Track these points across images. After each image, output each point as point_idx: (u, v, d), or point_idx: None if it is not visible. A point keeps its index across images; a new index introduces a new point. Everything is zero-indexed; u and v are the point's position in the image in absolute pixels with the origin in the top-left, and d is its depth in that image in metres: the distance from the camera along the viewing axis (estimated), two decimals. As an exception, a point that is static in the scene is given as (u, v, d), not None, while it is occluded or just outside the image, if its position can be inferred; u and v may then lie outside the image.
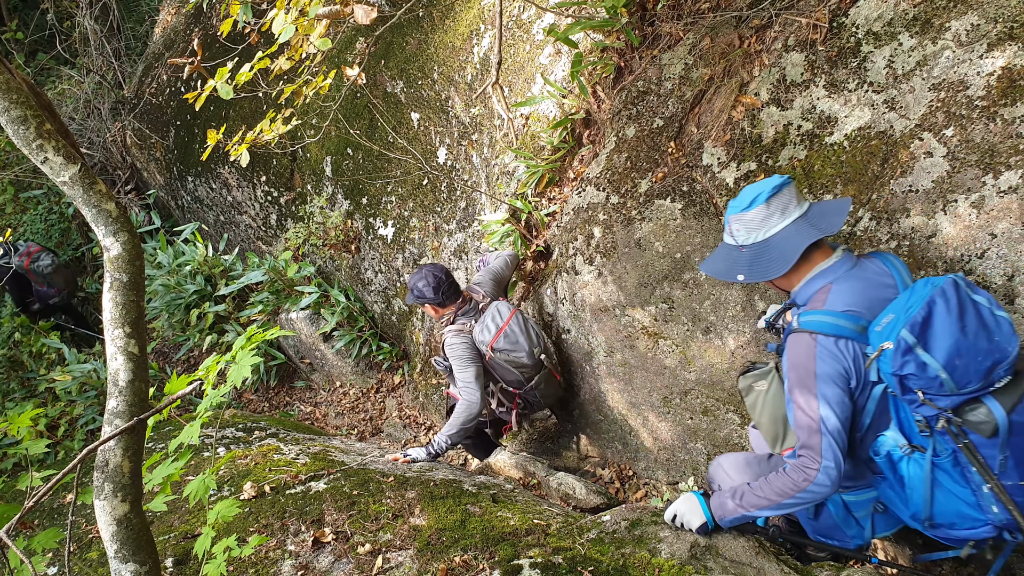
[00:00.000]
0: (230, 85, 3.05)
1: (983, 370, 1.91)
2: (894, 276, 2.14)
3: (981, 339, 1.91)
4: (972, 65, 2.45)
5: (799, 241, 2.10)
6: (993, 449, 1.95)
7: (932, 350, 1.91)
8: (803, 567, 2.35)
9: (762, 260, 2.18)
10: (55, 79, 10.23)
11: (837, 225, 2.10)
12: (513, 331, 3.77)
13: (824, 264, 2.16)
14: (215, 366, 1.83)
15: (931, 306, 1.93)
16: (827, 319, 2.05)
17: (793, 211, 2.15)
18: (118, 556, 1.50)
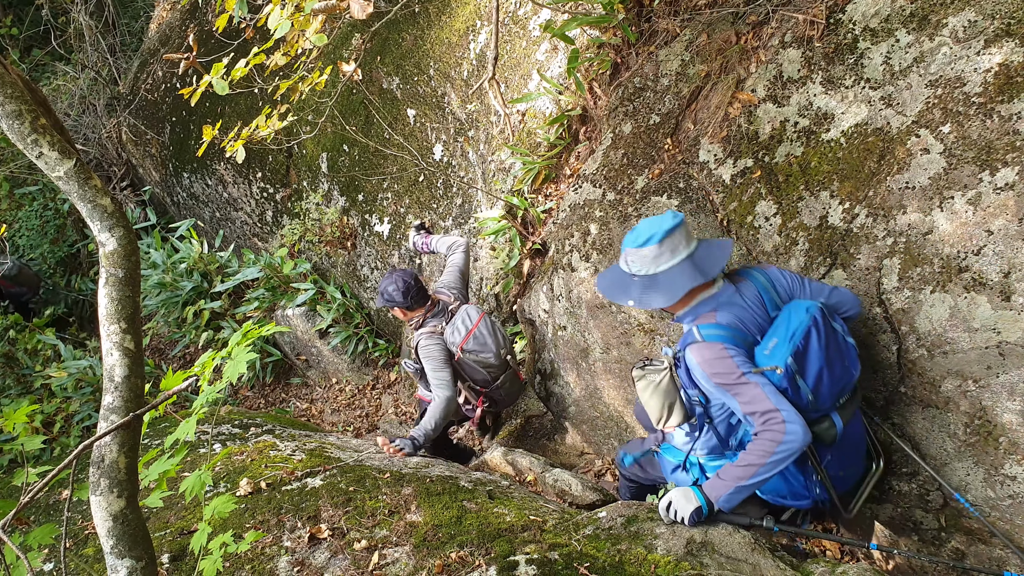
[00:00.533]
0: (225, 81, 3.04)
1: (835, 393, 2.36)
2: (764, 299, 2.49)
3: (837, 366, 2.34)
4: (969, 62, 2.45)
5: (683, 282, 2.43)
6: (825, 449, 2.43)
7: (806, 376, 2.31)
8: (798, 563, 2.35)
9: (650, 291, 2.48)
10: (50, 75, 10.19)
11: (719, 269, 2.45)
12: (482, 333, 3.94)
13: (707, 293, 2.49)
14: (211, 362, 1.82)
15: (808, 337, 2.31)
16: (725, 332, 2.38)
17: (681, 252, 2.45)
18: (114, 552, 1.50)
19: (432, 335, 3.89)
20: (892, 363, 2.72)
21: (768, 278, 2.55)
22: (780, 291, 2.53)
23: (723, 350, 2.34)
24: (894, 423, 2.83)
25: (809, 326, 2.32)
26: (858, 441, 2.53)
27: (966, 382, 2.54)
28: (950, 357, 2.55)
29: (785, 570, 2.24)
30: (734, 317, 2.41)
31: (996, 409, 2.48)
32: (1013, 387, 2.42)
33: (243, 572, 2.32)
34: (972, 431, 2.58)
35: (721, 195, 3.16)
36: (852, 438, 2.48)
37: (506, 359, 4.05)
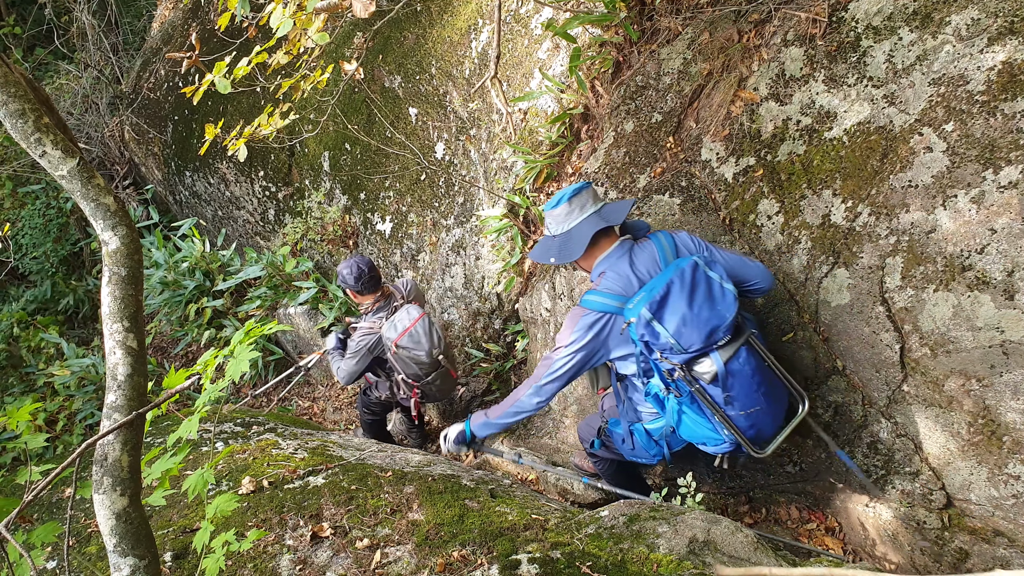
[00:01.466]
0: (228, 80, 3.04)
1: (706, 334, 2.54)
2: (659, 256, 2.72)
3: (704, 310, 2.55)
4: (972, 60, 2.45)
5: (588, 230, 2.70)
6: (717, 390, 2.63)
7: (664, 322, 2.56)
8: (800, 562, 2.35)
9: (566, 246, 2.75)
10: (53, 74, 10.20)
11: (620, 217, 2.72)
12: (417, 332, 4.18)
13: (606, 252, 2.77)
14: (213, 361, 1.82)
15: (669, 286, 2.56)
16: (597, 299, 2.68)
17: (589, 208, 2.74)
18: (117, 550, 1.50)
19: (369, 331, 4.25)
20: (895, 362, 2.72)
21: (672, 241, 2.77)
22: (681, 252, 2.75)
23: (579, 315, 2.70)
24: (897, 422, 2.82)
25: (671, 278, 2.58)
26: (757, 382, 2.63)
27: (969, 381, 2.53)
28: (953, 356, 2.55)
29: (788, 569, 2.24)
30: (617, 284, 2.68)
31: (1000, 408, 2.48)
32: (1017, 386, 2.41)
33: (245, 570, 2.32)
34: (975, 430, 2.57)
35: (723, 194, 3.15)
36: (744, 378, 2.61)
37: (438, 359, 4.28)
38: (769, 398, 2.70)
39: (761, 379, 2.65)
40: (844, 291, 2.81)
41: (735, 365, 2.60)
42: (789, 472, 3.27)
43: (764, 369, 2.69)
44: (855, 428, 2.95)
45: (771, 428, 2.74)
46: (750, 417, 2.67)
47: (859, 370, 2.87)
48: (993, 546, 2.63)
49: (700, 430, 2.73)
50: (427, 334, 4.19)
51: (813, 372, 3.00)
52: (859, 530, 3.14)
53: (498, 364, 5.02)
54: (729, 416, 2.66)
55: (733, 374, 2.61)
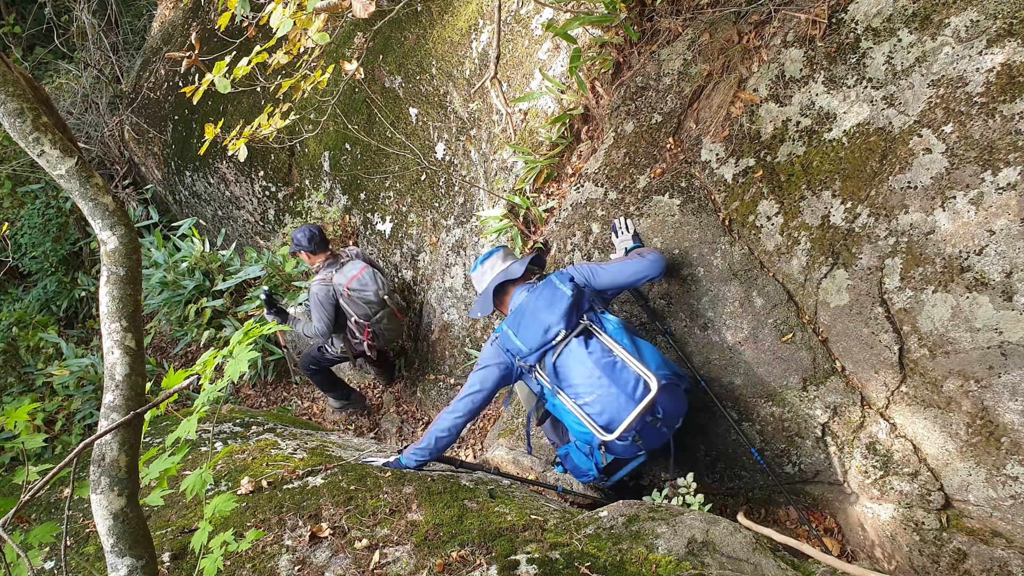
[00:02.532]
0: (228, 79, 3.04)
1: (540, 332, 2.99)
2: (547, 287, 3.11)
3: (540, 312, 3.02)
4: (971, 61, 2.45)
5: (491, 288, 3.25)
6: (562, 378, 2.98)
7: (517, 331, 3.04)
8: (799, 563, 2.35)
9: (483, 301, 3.29)
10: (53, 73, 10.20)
11: (520, 271, 3.25)
12: (364, 277, 4.95)
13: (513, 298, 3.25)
14: (212, 361, 1.82)
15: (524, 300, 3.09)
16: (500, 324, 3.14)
17: (498, 268, 3.30)
18: (114, 550, 1.50)
19: (323, 282, 4.95)
20: (894, 363, 2.72)
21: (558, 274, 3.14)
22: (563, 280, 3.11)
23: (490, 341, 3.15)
24: (896, 423, 2.83)
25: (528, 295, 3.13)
26: (588, 363, 2.93)
27: (968, 382, 2.53)
28: (952, 357, 2.55)
29: (787, 570, 2.24)
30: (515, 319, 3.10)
31: (998, 409, 2.48)
32: (1015, 387, 2.41)
33: (244, 571, 2.32)
34: (974, 431, 2.57)
35: (723, 194, 3.16)
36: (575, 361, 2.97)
37: (384, 298, 5.03)
38: (608, 380, 2.91)
39: (594, 363, 2.92)
40: (843, 292, 2.81)
41: (565, 354, 2.97)
42: (788, 473, 3.27)
43: (601, 355, 2.95)
44: (854, 429, 2.95)
45: (619, 412, 2.91)
46: (595, 403, 2.94)
47: (858, 371, 2.87)
48: (991, 547, 2.63)
49: (576, 428, 3.06)
50: (372, 279, 4.96)
51: (812, 372, 3.00)
52: (858, 531, 3.14)
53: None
54: (579, 405, 2.97)
55: (564, 364, 2.97)
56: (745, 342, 3.15)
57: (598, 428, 2.95)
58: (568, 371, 2.97)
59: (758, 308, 3.09)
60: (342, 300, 4.97)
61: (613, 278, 3.09)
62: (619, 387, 2.91)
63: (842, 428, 2.99)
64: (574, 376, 2.96)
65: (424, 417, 5.84)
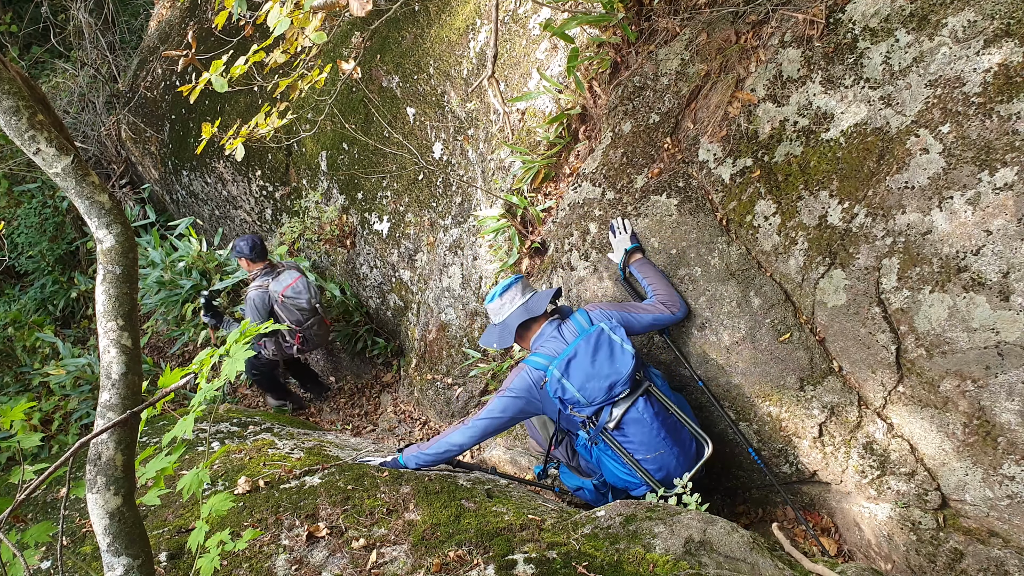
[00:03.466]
0: (224, 78, 3.04)
1: (604, 389, 2.99)
2: (577, 328, 3.17)
3: (604, 367, 3.00)
4: (969, 61, 2.45)
5: (515, 321, 3.22)
6: (622, 436, 3.06)
7: (571, 379, 3.00)
8: (796, 562, 2.35)
9: (502, 335, 3.26)
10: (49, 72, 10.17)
11: (542, 308, 3.23)
12: (298, 285, 5.39)
13: (537, 333, 3.26)
14: (208, 360, 1.82)
15: (576, 349, 3.02)
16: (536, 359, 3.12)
17: (517, 302, 3.26)
18: (111, 550, 1.50)
19: (259, 288, 5.34)
20: (891, 363, 2.72)
21: (587, 315, 3.22)
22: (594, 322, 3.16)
23: (520, 370, 3.13)
24: (893, 423, 2.83)
25: (579, 342, 3.05)
26: (657, 427, 3.03)
27: (965, 382, 2.54)
28: (949, 357, 2.55)
29: (784, 570, 2.24)
30: (551, 349, 3.12)
31: (995, 409, 2.48)
32: (1012, 387, 2.42)
33: (241, 570, 2.32)
34: (971, 431, 2.58)
35: (720, 194, 3.16)
36: (643, 424, 3.03)
37: (315, 306, 5.44)
38: (670, 442, 3.07)
39: (660, 425, 3.04)
40: (841, 292, 2.81)
41: (633, 414, 3.03)
42: (785, 472, 3.27)
43: (665, 416, 3.08)
44: (851, 428, 2.95)
45: (678, 469, 3.09)
46: (655, 460, 3.07)
47: (855, 371, 2.87)
48: (988, 546, 2.64)
49: (620, 475, 3.18)
50: (306, 288, 5.40)
51: (809, 372, 3.01)
52: (855, 530, 3.14)
53: (495, 364, 5.01)
54: (637, 460, 3.08)
55: (632, 422, 3.03)
56: (743, 342, 3.16)
57: (655, 482, 3.10)
58: (631, 427, 3.05)
59: (755, 308, 3.09)
60: (276, 306, 5.37)
61: (647, 326, 3.27)
62: (681, 448, 3.10)
63: (839, 428, 2.99)
64: (636, 434, 3.05)
65: (421, 417, 5.83)
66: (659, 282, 3.31)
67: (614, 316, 3.19)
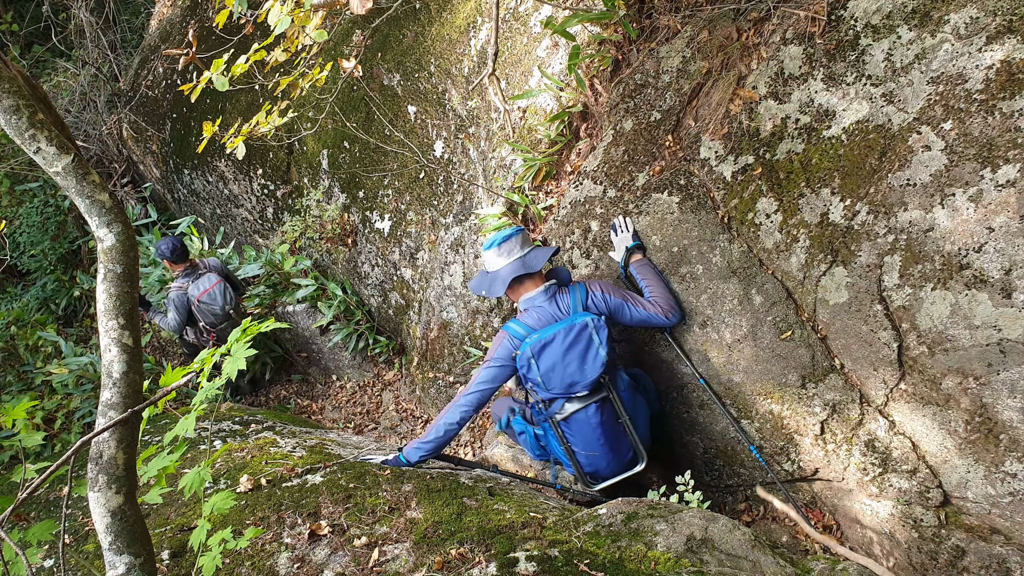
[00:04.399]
0: (225, 77, 3.04)
1: (564, 384, 3.14)
2: (571, 305, 3.21)
3: (572, 365, 3.11)
4: (971, 58, 2.45)
5: (508, 275, 3.22)
6: (567, 429, 3.27)
7: (540, 363, 3.12)
8: (797, 560, 2.35)
9: (493, 284, 3.28)
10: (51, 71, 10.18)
11: (539, 264, 3.21)
12: (214, 292, 5.80)
13: (532, 292, 3.26)
14: (210, 359, 1.82)
15: (554, 336, 3.10)
16: (515, 327, 3.20)
17: (516, 253, 3.25)
18: (112, 548, 1.50)
19: (179, 289, 5.82)
20: (893, 360, 2.72)
21: (585, 293, 3.25)
22: (592, 306, 3.22)
23: (501, 338, 3.22)
24: (895, 420, 2.82)
25: (558, 330, 3.11)
26: (599, 432, 3.22)
27: (967, 379, 2.53)
28: (951, 354, 2.55)
29: (785, 567, 2.24)
30: (535, 319, 3.19)
31: (997, 406, 2.48)
32: (1014, 384, 2.41)
33: (243, 568, 2.32)
34: (972, 428, 2.57)
35: (722, 192, 3.15)
36: (587, 427, 3.22)
37: (229, 312, 5.84)
38: (607, 448, 3.27)
39: (602, 433, 3.23)
40: (842, 289, 2.81)
41: (582, 416, 3.20)
42: (787, 470, 3.27)
43: (611, 425, 3.25)
44: (852, 426, 2.95)
45: (606, 471, 3.34)
46: (589, 458, 3.30)
47: (857, 368, 2.87)
48: (990, 544, 2.63)
49: (555, 451, 3.42)
50: (221, 295, 5.80)
51: (811, 370, 3.00)
52: (856, 528, 3.14)
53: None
54: (573, 450, 3.31)
55: (578, 422, 3.22)
56: (744, 340, 3.15)
57: (583, 475, 3.38)
58: (576, 426, 3.25)
59: (757, 306, 3.09)
60: (193, 307, 5.85)
61: (638, 322, 3.28)
62: (615, 455, 3.32)
63: (841, 425, 2.99)
64: (579, 431, 3.26)
65: (424, 415, 5.84)
66: (657, 286, 3.29)
67: (610, 303, 3.23)
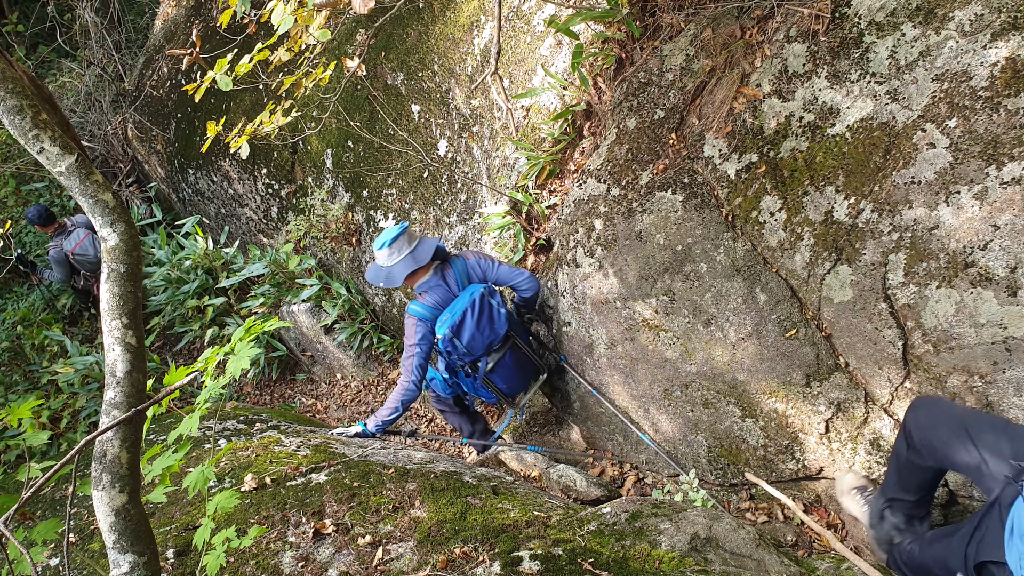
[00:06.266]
0: (229, 77, 3.04)
1: (486, 345, 3.93)
2: (457, 279, 3.95)
3: (486, 329, 3.88)
4: (975, 55, 2.44)
5: (403, 271, 3.79)
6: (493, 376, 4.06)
7: (461, 339, 3.85)
8: (803, 559, 2.35)
9: (390, 278, 3.82)
10: (56, 72, 10.21)
11: (427, 257, 3.81)
12: (85, 244, 6.72)
13: (424, 278, 3.93)
14: (214, 357, 1.82)
15: (464, 314, 3.80)
16: (422, 310, 3.85)
17: (405, 251, 3.80)
18: (116, 547, 1.50)
19: (56, 247, 6.82)
20: (898, 359, 2.71)
21: (465, 266, 3.97)
22: (472, 275, 3.97)
23: (413, 323, 3.84)
24: (898, 420, 2.81)
25: (466, 307, 3.80)
26: (514, 368, 4.10)
27: (972, 378, 2.52)
28: (956, 353, 2.54)
29: (790, 566, 2.24)
30: (433, 300, 3.86)
31: (1002, 405, 2.47)
32: (1020, 383, 2.40)
33: (247, 567, 2.33)
34: (978, 427, 2.56)
35: (726, 190, 3.15)
36: (507, 367, 4.07)
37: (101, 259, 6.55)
38: (521, 374, 4.18)
39: (515, 366, 4.11)
40: (847, 288, 2.80)
41: (502, 362, 4.05)
42: (791, 468, 3.26)
43: (521, 359, 4.13)
44: (857, 425, 2.94)
45: (519, 388, 4.27)
46: (509, 386, 4.18)
47: (862, 367, 2.86)
48: (996, 543, 2.62)
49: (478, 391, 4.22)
50: (92, 245, 6.72)
51: (815, 369, 3.00)
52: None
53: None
54: (499, 387, 4.14)
55: (501, 367, 4.05)
56: (748, 338, 3.15)
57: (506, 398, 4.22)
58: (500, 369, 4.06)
59: (761, 304, 3.08)
60: (71, 260, 6.81)
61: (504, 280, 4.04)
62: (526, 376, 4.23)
63: (846, 424, 2.98)
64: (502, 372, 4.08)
65: (428, 414, 5.84)
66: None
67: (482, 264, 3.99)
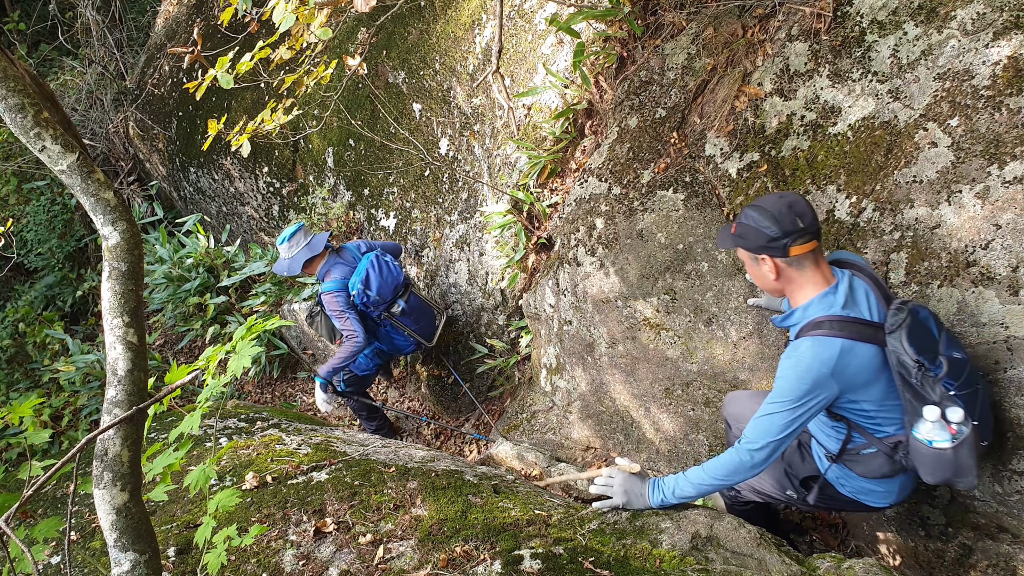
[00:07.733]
0: (230, 75, 3.04)
1: (391, 289, 4.71)
2: (353, 256, 4.80)
3: (388, 277, 4.67)
4: (978, 54, 2.43)
5: (302, 258, 4.68)
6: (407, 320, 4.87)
7: (371, 288, 4.62)
8: (804, 558, 2.35)
9: (292, 266, 4.69)
10: (57, 70, 10.21)
11: (321, 246, 4.70)
12: None
13: (322, 262, 4.76)
14: (215, 356, 1.82)
15: (367, 270, 4.65)
16: (332, 285, 4.61)
17: (302, 243, 4.68)
18: (117, 545, 1.50)
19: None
20: (899, 358, 2.70)
21: (355, 246, 4.84)
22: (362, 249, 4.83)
23: (333, 297, 4.56)
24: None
25: (367, 267, 4.62)
26: (420, 308, 4.95)
27: (973, 377, 2.52)
28: (957, 352, 2.53)
29: (791, 565, 2.23)
30: (339, 273, 4.65)
31: (1004, 404, 2.47)
32: (1021, 382, 2.40)
33: (248, 565, 2.33)
34: (979, 426, 2.55)
35: (727, 189, 3.14)
36: (414, 309, 4.88)
37: None
38: (426, 317, 4.99)
39: (420, 306, 4.94)
40: (848, 287, 2.80)
41: (412, 303, 4.85)
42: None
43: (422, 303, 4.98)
44: (859, 424, 2.94)
45: (429, 330, 5.04)
46: (420, 329, 4.94)
47: (863, 366, 2.85)
48: (997, 542, 2.62)
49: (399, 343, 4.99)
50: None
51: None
52: (863, 526, 3.13)
53: (502, 360, 5.02)
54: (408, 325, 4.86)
55: (410, 309, 4.83)
56: (750, 337, 3.14)
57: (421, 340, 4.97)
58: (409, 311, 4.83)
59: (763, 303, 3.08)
60: None
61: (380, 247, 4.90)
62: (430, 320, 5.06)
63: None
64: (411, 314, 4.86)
65: (429, 412, 5.84)
66: None
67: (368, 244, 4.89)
